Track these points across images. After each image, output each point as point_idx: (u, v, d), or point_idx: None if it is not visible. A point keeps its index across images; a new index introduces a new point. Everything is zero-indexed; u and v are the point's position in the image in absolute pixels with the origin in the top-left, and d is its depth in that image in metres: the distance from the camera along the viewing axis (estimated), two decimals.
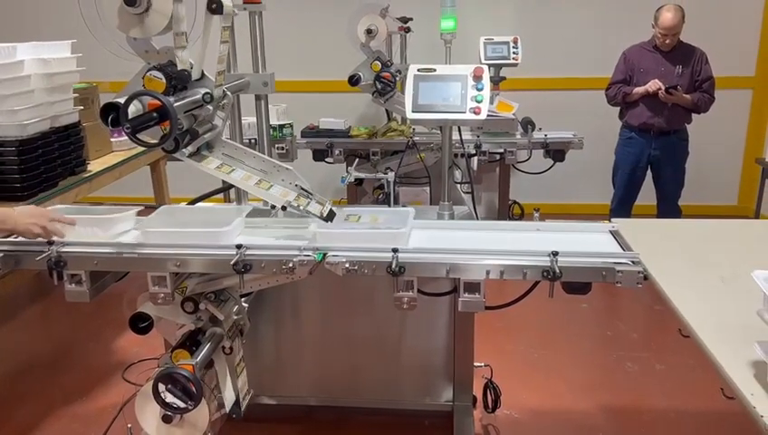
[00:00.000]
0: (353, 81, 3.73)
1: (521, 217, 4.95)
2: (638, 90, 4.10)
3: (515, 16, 5.20)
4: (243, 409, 2.31)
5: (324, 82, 5.27)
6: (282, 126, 4.06)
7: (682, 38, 4.09)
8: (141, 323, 2.13)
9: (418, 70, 2.41)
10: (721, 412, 2.77)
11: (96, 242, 1.99)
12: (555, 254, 1.81)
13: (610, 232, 2.09)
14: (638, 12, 4.50)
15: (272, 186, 2.02)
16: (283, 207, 2.01)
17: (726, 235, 2.11)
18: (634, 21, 4.54)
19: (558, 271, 1.78)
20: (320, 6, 5.28)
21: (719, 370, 1.30)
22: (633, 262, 1.81)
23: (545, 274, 1.80)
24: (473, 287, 1.88)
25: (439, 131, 2.71)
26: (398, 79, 3.81)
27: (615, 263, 1.81)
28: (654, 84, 4.01)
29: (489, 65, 4.25)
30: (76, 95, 3.12)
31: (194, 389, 1.93)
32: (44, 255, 1.90)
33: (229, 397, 2.23)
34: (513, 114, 4.27)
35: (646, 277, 1.78)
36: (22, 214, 1.92)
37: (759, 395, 1.20)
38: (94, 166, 3.34)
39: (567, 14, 5.21)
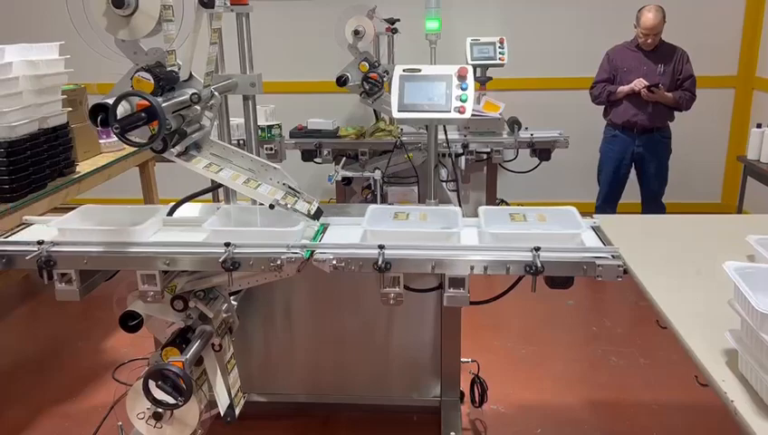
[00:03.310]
0: (341, 81, 3.77)
1: None
2: (623, 88, 4.16)
3: (501, 17, 5.25)
4: (237, 412, 2.33)
5: (312, 83, 5.30)
6: (270, 127, 4.10)
7: (665, 38, 4.16)
8: (131, 322, 2.15)
9: (404, 70, 2.45)
10: (703, 404, 2.83)
11: (86, 241, 2.01)
12: (537, 249, 1.85)
13: (592, 228, 2.13)
14: (621, 12, 4.56)
15: (260, 185, 2.05)
16: (271, 206, 2.04)
17: (706, 229, 2.16)
18: (617, 21, 4.61)
19: (540, 266, 1.83)
20: (307, 8, 5.30)
21: (693, 357, 1.35)
22: (613, 256, 1.86)
23: (528, 268, 1.84)
24: (458, 283, 1.92)
25: (426, 131, 2.74)
26: (385, 79, 3.85)
27: (595, 257, 1.86)
28: (639, 83, 4.07)
29: (475, 66, 4.31)
30: (64, 97, 3.13)
31: (184, 385, 1.95)
32: (34, 254, 1.92)
33: (223, 399, 2.24)
34: (500, 114, 4.32)
35: (626, 271, 1.83)
36: None
37: (730, 381, 1.24)
38: (83, 167, 3.35)
39: (552, 15, 5.27)
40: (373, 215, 2.13)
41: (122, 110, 1.70)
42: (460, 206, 3.20)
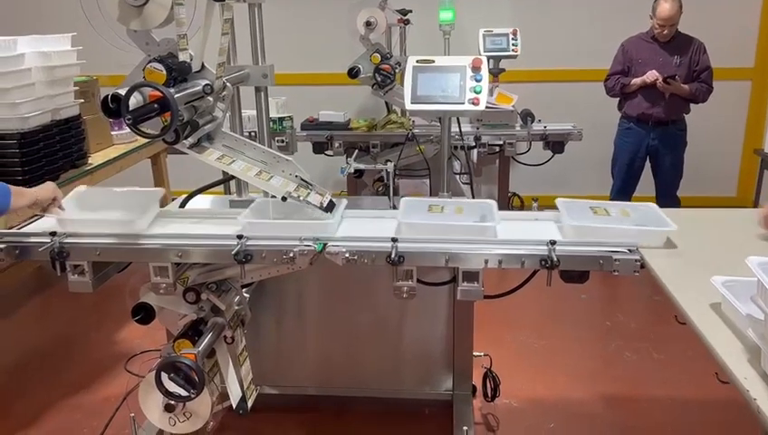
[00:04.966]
0: (353, 73, 3.74)
1: (521, 208, 4.96)
2: (637, 80, 4.11)
3: (515, 8, 5.20)
4: (249, 405, 2.33)
5: (324, 75, 5.27)
6: (281, 119, 4.07)
7: (681, 29, 4.10)
8: (143, 314, 2.15)
9: (417, 61, 2.42)
10: (718, 400, 2.80)
11: (98, 233, 2.00)
12: (553, 243, 1.83)
13: None
14: (637, 3, 4.50)
15: (272, 177, 2.03)
16: (284, 198, 2.03)
17: (724, 224, 2.13)
18: (632, 12, 4.55)
19: (556, 260, 1.80)
20: None
21: (713, 354, 1.32)
22: (630, 250, 1.83)
23: (543, 262, 1.82)
24: (471, 276, 1.89)
25: (439, 123, 2.71)
26: (397, 71, 3.82)
27: (612, 251, 1.83)
28: (651, 75, 4.02)
29: (488, 57, 4.26)
30: (77, 88, 3.13)
31: (196, 377, 1.95)
32: (47, 246, 1.92)
33: (235, 392, 2.24)
34: (513, 106, 4.28)
35: (643, 265, 1.80)
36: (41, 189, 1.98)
37: (752, 379, 1.21)
38: (95, 159, 3.36)
39: (566, 5, 5.21)
40: (568, 208, 2.06)
41: (135, 101, 1.69)
42: (473, 198, 3.19)
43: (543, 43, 5.05)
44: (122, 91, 1.69)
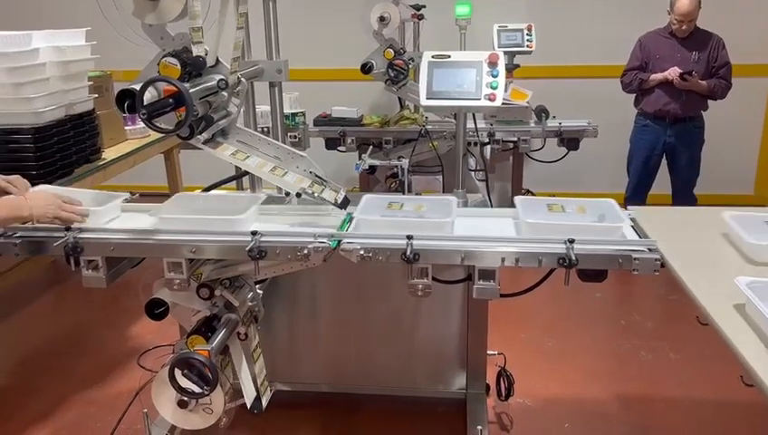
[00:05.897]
0: (366, 69, 3.72)
1: None
2: (656, 76, 4.06)
3: (529, 3, 5.15)
4: (264, 404, 2.32)
5: (337, 71, 5.26)
6: (294, 114, 4.06)
7: (699, 25, 4.04)
8: (157, 309, 2.14)
9: (433, 56, 2.40)
10: (735, 402, 2.76)
11: (112, 228, 2.00)
12: (571, 241, 1.80)
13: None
14: None
15: (286, 173, 2.02)
16: (298, 194, 2.01)
17: None
18: (649, 7, 4.48)
19: (574, 258, 1.77)
20: None
21: (739, 357, 1.29)
22: (650, 249, 1.80)
23: (561, 261, 1.79)
24: (488, 275, 1.87)
25: (452, 119, 2.69)
26: (410, 66, 3.80)
27: (632, 250, 1.80)
28: (674, 71, 3.97)
29: (503, 53, 4.22)
30: (91, 83, 3.13)
31: (209, 374, 1.94)
32: (61, 241, 1.91)
33: (250, 391, 2.23)
34: (527, 102, 4.23)
35: (663, 265, 1.77)
36: (36, 199, 1.93)
37: None
38: (108, 154, 3.36)
39: (581, 0, 5.15)
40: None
41: (149, 95, 1.68)
42: (489, 196, 3.16)
43: (558, 39, 5.00)
44: (137, 87, 1.68)
